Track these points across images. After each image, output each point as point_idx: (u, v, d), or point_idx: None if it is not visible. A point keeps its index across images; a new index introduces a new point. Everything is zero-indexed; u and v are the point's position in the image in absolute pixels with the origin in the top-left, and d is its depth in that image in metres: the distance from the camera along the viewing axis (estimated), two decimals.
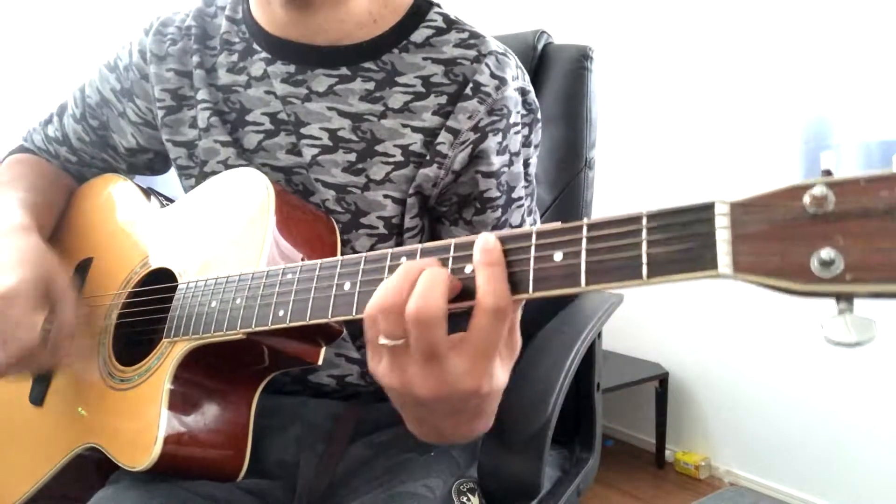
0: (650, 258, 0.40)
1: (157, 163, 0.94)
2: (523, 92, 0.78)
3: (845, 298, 0.34)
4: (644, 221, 0.41)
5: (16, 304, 0.65)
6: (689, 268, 0.38)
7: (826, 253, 0.33)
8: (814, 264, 0.34)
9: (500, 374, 0.49)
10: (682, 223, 0.38)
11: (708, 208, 0.38)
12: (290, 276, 0.59)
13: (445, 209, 0.77)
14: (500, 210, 0.77)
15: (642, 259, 0.40)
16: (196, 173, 0.82)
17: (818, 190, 0.34)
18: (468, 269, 0.47)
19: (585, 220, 0.44)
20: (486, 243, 0.46)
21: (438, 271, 0.46)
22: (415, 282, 0.46)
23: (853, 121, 1.85)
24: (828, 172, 0.34)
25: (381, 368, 0.49)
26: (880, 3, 1.80)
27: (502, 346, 0.48)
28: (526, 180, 0.80)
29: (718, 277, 0.37)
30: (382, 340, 0.47)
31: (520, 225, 0.79)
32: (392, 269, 0.52)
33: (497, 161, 0.75)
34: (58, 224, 0.91)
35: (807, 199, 0.34)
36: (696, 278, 0.38)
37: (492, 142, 0.74)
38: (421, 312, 0.44)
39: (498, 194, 0.76)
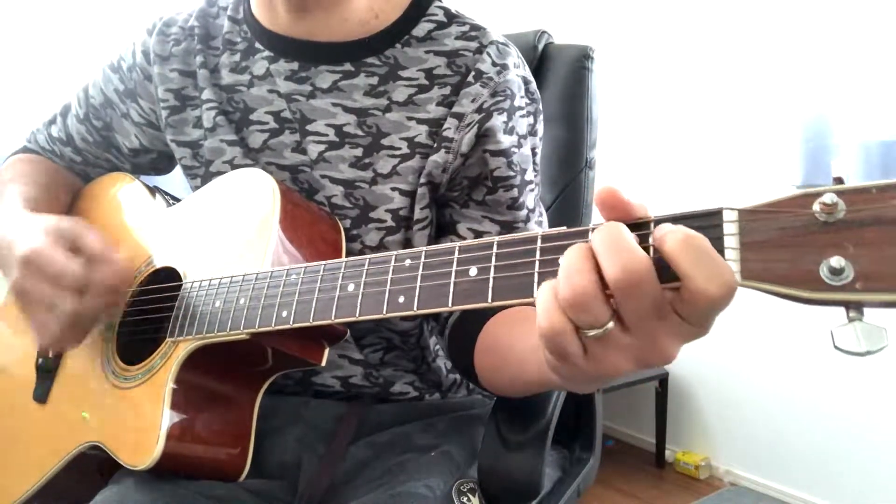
0: (658, 263, 0.39)
1: (161, 163, 0.94)
2: (525, 80, 0.78)
3: (855, 307, 0.34)
4: (651, 227, 0.40)
5: (46, 257, 0.66)
6: None
7: (836, 261, 0.33)
8: (823, 272, 0.33)
9: None
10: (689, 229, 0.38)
11: (716, 214, 0.38)
12: (294, 276, 0.59)
13: (456, 193, 0.77)
14: (515, 190, 0.76)
15: None
16: (201, 173, 0.82)
17: (828, 198, 0.34)
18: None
19: (591, 225, 0.43)
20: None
21: (612, 226, 0.39)
22: (591, 255, 0.39)
23: (853, 121, 1.85)
24: (839, 180, 0.34)
25: (589, 364, 0.41)
26: (880, 3, 1.80)
27: None
28: (534, 169, 0.80)
29: None
30: (592, 333, 0.39)
31: (534, 209, 0.78)
32: (397, 271, 0.52)
33: (505, 140, 0.74)
34: None
35: (817, 207, 0.34)
36: None
37: (497, 120, 0.74)
38: (628, 268, 0.37)
39: (512, 173, 0.75)
